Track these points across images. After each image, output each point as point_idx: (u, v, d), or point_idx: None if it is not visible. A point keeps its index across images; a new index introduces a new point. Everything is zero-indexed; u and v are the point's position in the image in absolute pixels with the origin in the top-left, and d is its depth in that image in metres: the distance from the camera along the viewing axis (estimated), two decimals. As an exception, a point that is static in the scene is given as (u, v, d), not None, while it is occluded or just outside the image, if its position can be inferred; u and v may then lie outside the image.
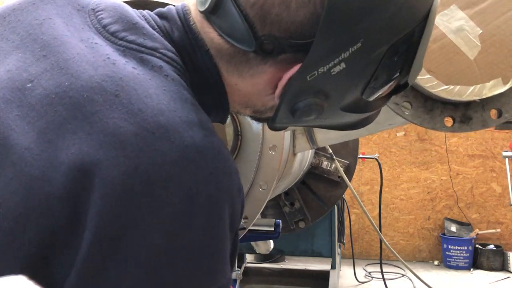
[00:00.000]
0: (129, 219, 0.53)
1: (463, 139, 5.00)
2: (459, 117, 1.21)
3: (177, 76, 0.65)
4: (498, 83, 1.11)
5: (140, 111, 0.57)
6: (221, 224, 0.58)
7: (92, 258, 0.53)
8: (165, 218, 0.54)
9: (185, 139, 0.57)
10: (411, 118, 1.24)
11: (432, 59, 1.13)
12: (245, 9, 0.63)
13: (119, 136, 0.55)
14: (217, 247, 0.58)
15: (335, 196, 2.93)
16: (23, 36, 0.65)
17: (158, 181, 0.54)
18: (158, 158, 0.55)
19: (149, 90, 0.59)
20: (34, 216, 0.53)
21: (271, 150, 1.39)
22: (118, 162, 0.54)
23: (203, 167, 0.57)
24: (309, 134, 1.93)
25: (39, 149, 0.55)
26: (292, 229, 2.93)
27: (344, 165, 2.92)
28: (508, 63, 1.10)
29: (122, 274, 0.53)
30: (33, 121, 0.57)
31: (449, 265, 4.83)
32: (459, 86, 1.13)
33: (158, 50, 0.65)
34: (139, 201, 0.53)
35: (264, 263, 4.50)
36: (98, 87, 0.58)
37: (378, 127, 1.75)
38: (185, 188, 0.55)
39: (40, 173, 0.54)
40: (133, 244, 0.53)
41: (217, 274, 0.58)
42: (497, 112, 1.19)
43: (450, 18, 1.10)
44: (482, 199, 4.98)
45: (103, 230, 0.52)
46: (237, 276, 2.36)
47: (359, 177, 5.13)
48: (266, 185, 1.40)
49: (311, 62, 0.63)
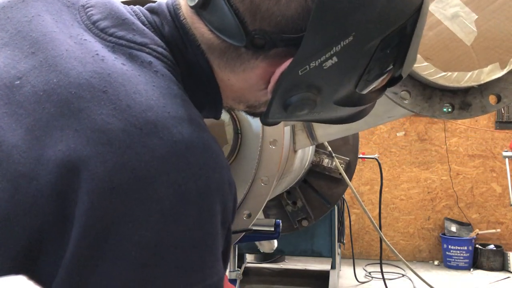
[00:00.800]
0: (117, 215, 0.52)
1: (463, 139, 5.00)
2: (458, 104, 1.21)
3: (167, 71, 0.64)
4: (496, 68, 1.11)
5: (128, 107, 0.56)
6: (213, 220, 0.58)
7: (80, 254, 0.52)
8: (154, 214, 0.53)
9: (174, 134, 0.56)
10: (410, 107, 1.24)
11: (429, 46, 1.14)
12: (235, 4, 0.63)
13: (106, 132, 0.54)
14: (208, 243, 0.57)
15: (337, 193, 2.93)
16: (12, 33, 0.65)
17: (147, 177, 0.54)
18: (146, 154, 0.54)
19: (138, 86, 0.59)
20: (21, 214, 0.52)
21: (271, 145, 1.39)
22: (105, 159, 0.53)
23: (193, 163, 0.57)
24: (309, 130, 1.94)
25: (26, 146, 0.55)
26: (295, 228, 2.93)
27: (345, 162, 2.92)
28: (505, 48, 1.10)
29: (111, 270, 0.52)
30: (21, 119, 0.56)
31: (449, 265, 4.83)
32: (457, 73, 1.13)
33: (147, 45, 0.65)
34: (127, 197, 0.53)
35: (264, 263, 4.50)
36: (86, 84, 0.57)
37: (377, 120, 1.76)
38: (174, 184, 0.55)
39: (27, 170, 0.53)
40: (122, 240, 0.52)
41: (209, 270, 0.57)
42: (496, 97, 1.19)
43: (446, 5, 1.10)
44: (482, 199, 4.98)
45: (91, 226, 0.52)
46: (237, 276, 2.35)
47: (359, 177, 5.13)
48: (268, 180, 1.40)
49: (303, 56, 0.62)
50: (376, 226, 2.84)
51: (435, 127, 5.03)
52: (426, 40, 1.13)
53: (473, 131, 4.97)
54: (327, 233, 3.64)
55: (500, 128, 4.91)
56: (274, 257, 4.61)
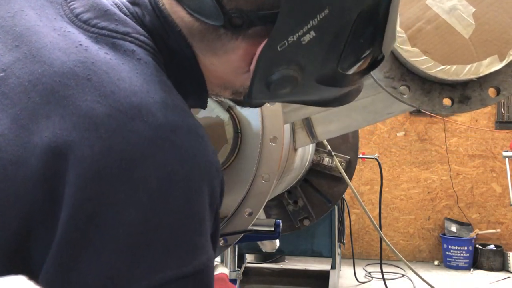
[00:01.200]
0: (105, 197, 0.53)
1: (463, 139, 5.01)
2: (457, 98, 1.21)
3: (150, 59, 0.65)
4: (495, 60, 1.12)
5: (112, 93, 0.57)
6: (200, 201, 0.58)
7: (69, 237, 0.52)
8: (141, 195, 0.54)
9: (158, 118, 0.57)
10: (410, 101, 1.25)
11: (427, 40, 1.14)
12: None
13: (92, 117, 0.55)
14: (197, 223, 0.58)
15: (338, 192, 2.92)
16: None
17: (133, 160, 0.54)
18: (132, 137, 0.55)
19: (121, 73, 0.59)
20: (10, 201, 0.53)
21: (271, 142, 1.39)
22: (91, 143, 0.54)
23: (178, 146, 0.57)
24: (308, 128, 1.94)
25: (13, 134, 0.55)
26: (297, 228, 2.93)
27: (345, 161, 2.92)
28: (504, 40, 1.10)
29: (101, 251, 0.53)
30: (6, 109, 0.57)
31: (449, 265, 4.83)
32: (455, 66, 1.13)
33: (130, 34, 0.66)
34: (114, 179, 0.53)
35: (264, 263, 4.49)
36: (71, 73, 0.58)
37: (376, 117, 1.76)
38: (161, 166, 0.55)
39: (14, 157, 0.54)
40: (110, 221, 0.53)
41: (197, 250, 0.57)
42: (496, 90, 1.19)
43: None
44: (482, 199, 4.98)
45: (79, 209, 0.52)
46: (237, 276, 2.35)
47: (359, 177, 5.14)
48: (269, 177, 1.40)
49: (280, 31, 0.63)
50: (376, 226, 2.84)
51: (435, 127, 5.03)
52: (424, 34, 1.14)
53: (473, 131, 4.97)
54: (327, 233, 3.65)
55: (500, 128, 4.91)
56: (274, 257, 4.61)
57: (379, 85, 1.31)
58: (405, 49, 1.18)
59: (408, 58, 1.19)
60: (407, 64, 1.24)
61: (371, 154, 4.58)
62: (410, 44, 1.17)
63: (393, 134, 5.12)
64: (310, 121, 1.91)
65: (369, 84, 1.51)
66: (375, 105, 1.71)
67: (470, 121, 4.97)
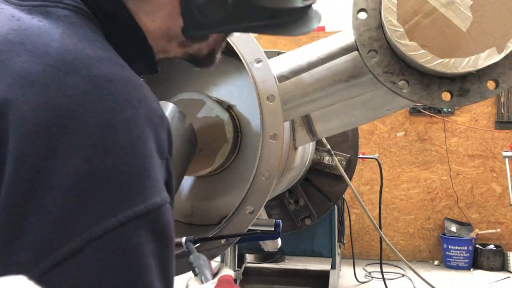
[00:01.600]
0: (48, 149, 0.54)
1: (463, 139, 5.01)
2: (456, 91, 1.22)
3: (84, 23, 0.66)
4: (493, 52, 1.12)
5: (46, 53, 0.58)
6: (145, 145, 0.58)
7: (16, 192, 0.53)
8: (83, 144, 0.54)
9: (93, 70, 0.58)
10: (409, 95, 1.25)
11: (425, 33, 1.14)
12: None
13: (26, 76, 0.56)
14: (144, 167, 0.58)
15: (339, 190, 2.92)
16: None
17: (70, 111, 0.55)
18: (67, 90, 0.56)
19: (55, 35, 0.61)
20: None
21: (272, 139, 1.39)
22: (28, 99, 0.55)
23: (116, 95, 0.58)
24: (308, 126, 1.94)
25: None
26: (298, 227, 2.93)
27: (345, 159, 2.91)
28: (501, 32, 1.10)
29: (47, 202, 0.53)
30: None
31: (449, 265, 4.82)
32: (454, 59, 1.13)
33: (62, 1, 0.67)
34: (53, 132, 0.54)
35: (264, 263, 4.49)
36: (3, 40, 0.60)
37: (376, 113, 1.76)
38: (99, 114, 0.56)
39: None
40: (56, 172, 0.53)
41: (146, 191, 0.57)
42: (494, 83, 1.19)
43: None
44: (482, 199, 4.98)
45: (23, 164, 0.53)
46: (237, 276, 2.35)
47: (359, 177, 5.14)
48: (270, 175, 1.40)
49: None
50: (376, 225, 2.84)
51: (435, 127, 5.04)
52: (422, 28, 1.14)
53: (473, 131, 4.97)
54: (327, 233, 3.64)
55: (500, 128, 4.91)
56: (274, 257, 4.61)
57: (378, 80, 1.31)
58: (403, 43, 1.18)
59: (406, 52, 1.19)
60: (405, 59, 1.25)
61: (371, 154, 4.58)
62: (408, 38, 1.17)
63: (393, 134, 5.12)
64: (309, 119, 1.91)
65: (368, 80, 1.51)
66: (374, 101, 1.71)
67: (470, 121, 4.97)
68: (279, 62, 1.56)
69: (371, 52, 1.32)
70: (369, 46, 1.32)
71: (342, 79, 1.52)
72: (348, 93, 1.57)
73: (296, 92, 1.58)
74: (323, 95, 1.58)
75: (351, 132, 2.92)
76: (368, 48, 1.32)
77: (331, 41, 1.50)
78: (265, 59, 1.38)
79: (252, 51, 1.38)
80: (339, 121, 1.87)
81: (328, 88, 1.55)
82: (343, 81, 1.52)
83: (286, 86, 1.57)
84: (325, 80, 1.54)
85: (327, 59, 1.48)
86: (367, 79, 1.49)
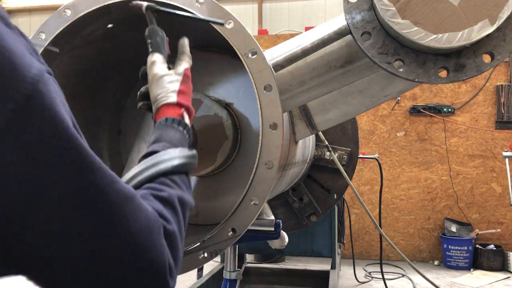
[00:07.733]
0: None
1: (463, 139, 5.01)
2: (452, 67, 1.21)
3: None
4: (486, 24, 1.12)
5: None
6: None
7: None
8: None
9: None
10: (406, 74, 1.25)
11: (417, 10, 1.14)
12: None
13: None
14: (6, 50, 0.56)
15: (342, 185, 2.92)
16: None
17: None
18: None
19: None
20: None
21: (271, 129, 1.37)
22: None
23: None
24: (307, 118, 1.93)
25: None
26: (304, 224, 2.93)
27: (346, 153, 2.91)
28: (493, 3, 1.10)
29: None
30: None
31: (449, 265, 4.83)
32: (447, 34, 1.13)
33: None
34: None
35: (264, 263, 4.49)
36: None
37: (374, 101, 1.76)
38: None
39: None
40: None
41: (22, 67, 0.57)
42: (490, 56, 1.19)
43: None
44: (482, 199, 4.98)
45: None
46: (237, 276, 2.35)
47: (359, 177, 5.14)
48: (272, 164, 1.38)
49: None
50: (377, 224, 2.84)
51: (435, 127, 5.04)
52: (413, 5, 1.14)
53: (473, 131, 4.98)
54: (327, 233, 3.64)
55: (500, 128, 4.91)
56: (274, 257, 4.61)
57: (374, 61, 1.31)
58: (395, 22, 1.18)
59: (399, 30, 1.19)
60: (399, 38, 1.24)
61: (371, 154, 4.59)
62: (400, 17, 1.17)
63: (393, 134, 5.12)
64: (308, 111, 1.91)
65: (363, 64, 1.51)
66: (371, 88, 1.71)
67: (470, 121, 4.98)
68: (274, 52, 1.55)
69: (365, 35, 1.31)
70: (362, 28, 1.32)
71: (338, 65, 1.52)
72: (344, 79, 1.57)
73: (293, 81, 1.58)
74: (320, 83, 1.58)
75: (350, 125, 2.91)
76: (361, 31, 1.32)
77: (324, 27, 1.50)
78: (260, 50, 1.37)
79: (246, 43, 1.38)
80: (337, 111, 1.87)
81: (324, 75, 1.55)
82: (339, 67, 1.52)
83: (283, 76, 1.56)
84: (321, 68, 1.54)
85: (321, 44, 1.47)
86: (363, 64, 1.49)
